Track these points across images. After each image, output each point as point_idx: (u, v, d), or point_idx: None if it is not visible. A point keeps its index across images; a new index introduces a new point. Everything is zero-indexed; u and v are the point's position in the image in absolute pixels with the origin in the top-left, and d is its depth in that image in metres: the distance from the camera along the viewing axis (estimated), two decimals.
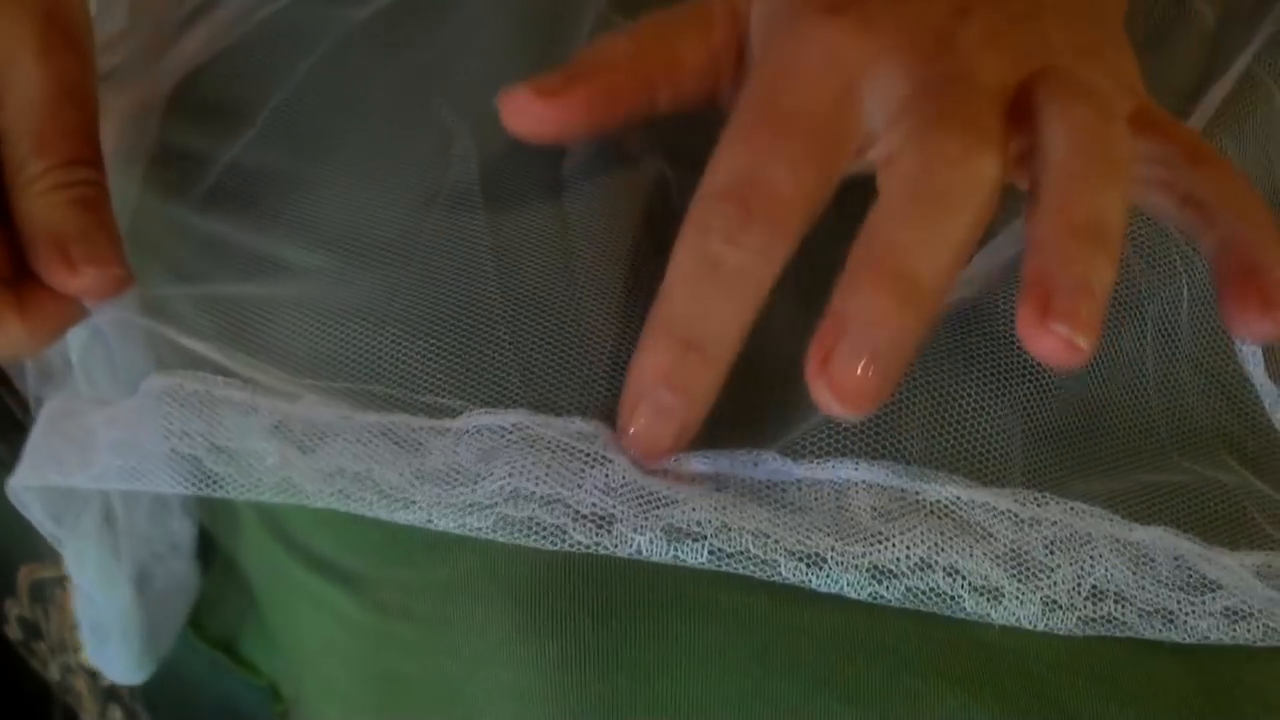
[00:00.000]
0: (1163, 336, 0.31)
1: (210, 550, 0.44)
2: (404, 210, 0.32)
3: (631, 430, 0.27)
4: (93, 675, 0.49)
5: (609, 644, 0.27)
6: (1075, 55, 0.27)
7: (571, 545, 0.26)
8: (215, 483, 0.28)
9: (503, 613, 0.27)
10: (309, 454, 0.27)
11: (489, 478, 0.26)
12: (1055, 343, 0.23)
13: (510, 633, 0.27)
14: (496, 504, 0.26)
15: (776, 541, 0.25)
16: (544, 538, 0.26)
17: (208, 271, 0.33)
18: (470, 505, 0.26)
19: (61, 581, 0.48)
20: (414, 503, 0.27)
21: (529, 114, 0.29)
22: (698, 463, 0.27)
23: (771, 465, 0.27)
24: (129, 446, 0.28)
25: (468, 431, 0.27)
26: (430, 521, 0.26)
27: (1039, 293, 0.23)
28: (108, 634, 0.39)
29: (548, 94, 0.29)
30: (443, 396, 0.29)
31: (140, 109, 0.36)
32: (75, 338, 0.34)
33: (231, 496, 0.28)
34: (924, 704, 0.26)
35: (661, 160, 0.33)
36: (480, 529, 0.26)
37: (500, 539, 0.26)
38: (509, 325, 0.29)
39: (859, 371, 0.23)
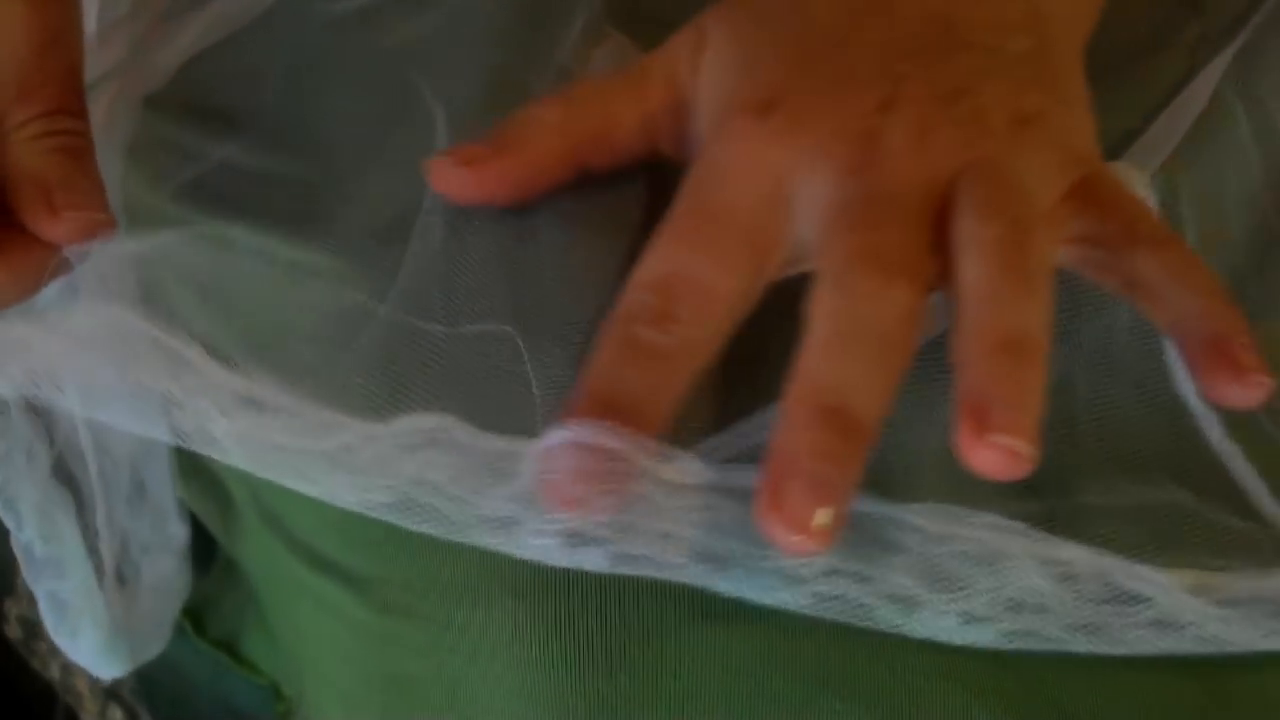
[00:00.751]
0: (1099, 357, 0.30)
1: (211, 550, 0.44)
2: (376, 221, 0.32)
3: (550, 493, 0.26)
4: (93, 675, 0.49)
5: (612, 643, 0.27)
6: (1012, 128, 0.27)
7: (472, 543, 0.26)
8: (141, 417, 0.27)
9: (506, 612, 0.27)
10: (229, 418, 0.27)
11: (401, 466, 0.26)
12: (997, 453, 0.23)
13: (513, 632, 0.27)
14: (403, 485, 0.26)
15: (680, 542, 0.25)
16: (444, 529, 0.26)
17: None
18: (375, 486, 0.26)
19: None
20: (316, 482, 0.26)
21: (453, 182, 0.29)
22: (613, 440, 0.25)
23: (682, 464, 0.26)
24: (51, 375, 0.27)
25: (394, 434, 0.27)
26: (333, 496, 0.26)
27: (974, 410, 0.23)
28: (78, 617, 0.38)
29: (471, 163, 0.29)
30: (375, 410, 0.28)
31: (134, 94, 0.36)
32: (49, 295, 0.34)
33: (148, 434, 0.27)
34: (926, 702, 0.26)
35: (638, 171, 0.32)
36: (381, 505, 0.26)
37: (400, 522, 0.26)
38: (450, 345, 0.29)
39: (815, 506, 0.23)
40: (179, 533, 0.41)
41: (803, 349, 0.25)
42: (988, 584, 0.25)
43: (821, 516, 0.23)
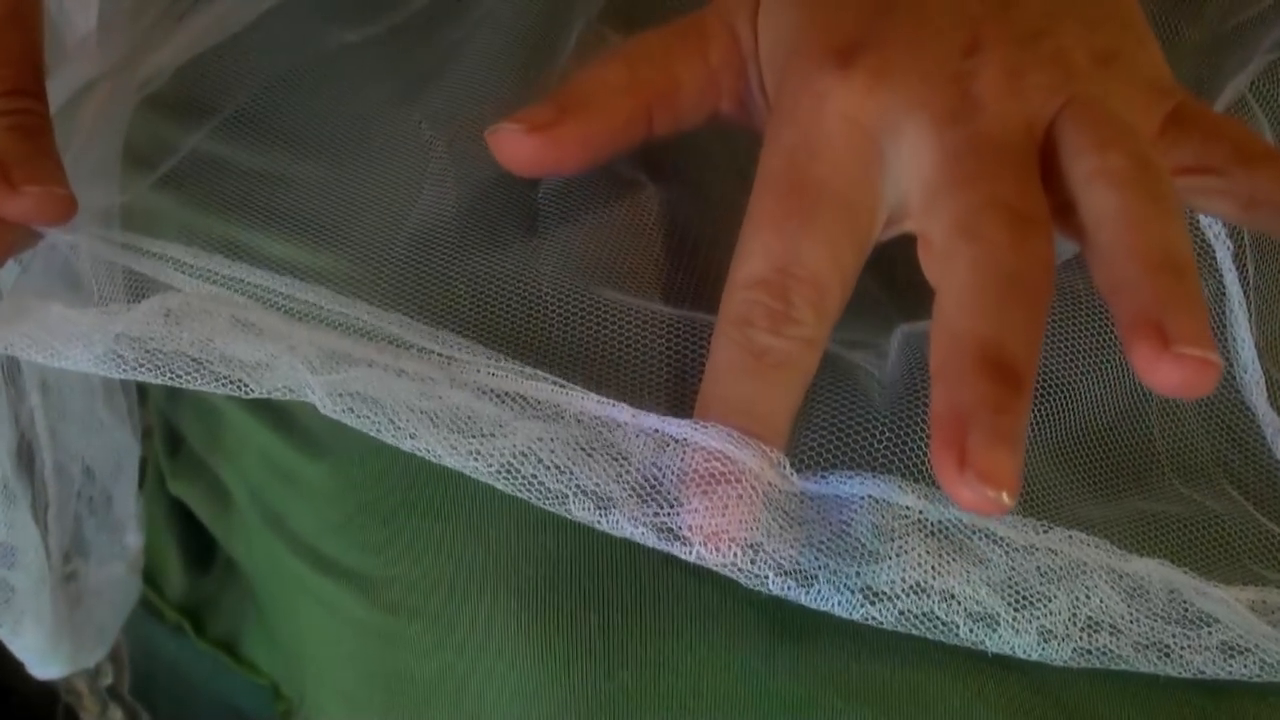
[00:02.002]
0: None
1: (211, 550, 0.44)
2: (372, 233, 0.31)
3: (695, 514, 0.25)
4: (93, 675, 0.49)
5: (614, 642, 0.27)
6: (1096, 66, 0.26)
7: (568, 514, 0.25)
8: (227, 382, 0.27)
9: (508, 611, 0.27)
10: (318, 375, 0.26)
11: (503, 437, 0.26)
12: (1185, 366, 0.21)
13: (515, 631, 0.27)
14: (505, 454, 0.25)
15: (767, 556, 0.25)
16: (543, 499, 0.25)
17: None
18: (476, 453, 0.25)
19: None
20: (414, 437, 0.26)
21: (519, 151, 0.28)
22: (713, 436, 0.25)
23: (790, 475, 0.26)
24: (137, 343, 0.27)
25: (485, 392, 0.27)
26: (436, 455, 0.25)
27: (1150, 327, 0.22)
28: (21, 612, 0.37)
29: (539, 129, 0.27)
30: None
31: (133, 93, 0.36)
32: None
33: (238, 394, 0.27)
34: (928, 702, 0.26)
35: (639, 172, 0.32)
36: (482, 472, 0.25)
37: (500, 487, 0.25)
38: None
39: (1003, 455, 0.22)
40: (134, 543, 0.41)
41: (946, 304, 0.24)
42: (1066, 601, 0.25)
43: (1010, 466, 0.22)
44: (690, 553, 0.25)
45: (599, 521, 0.25)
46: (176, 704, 0.48)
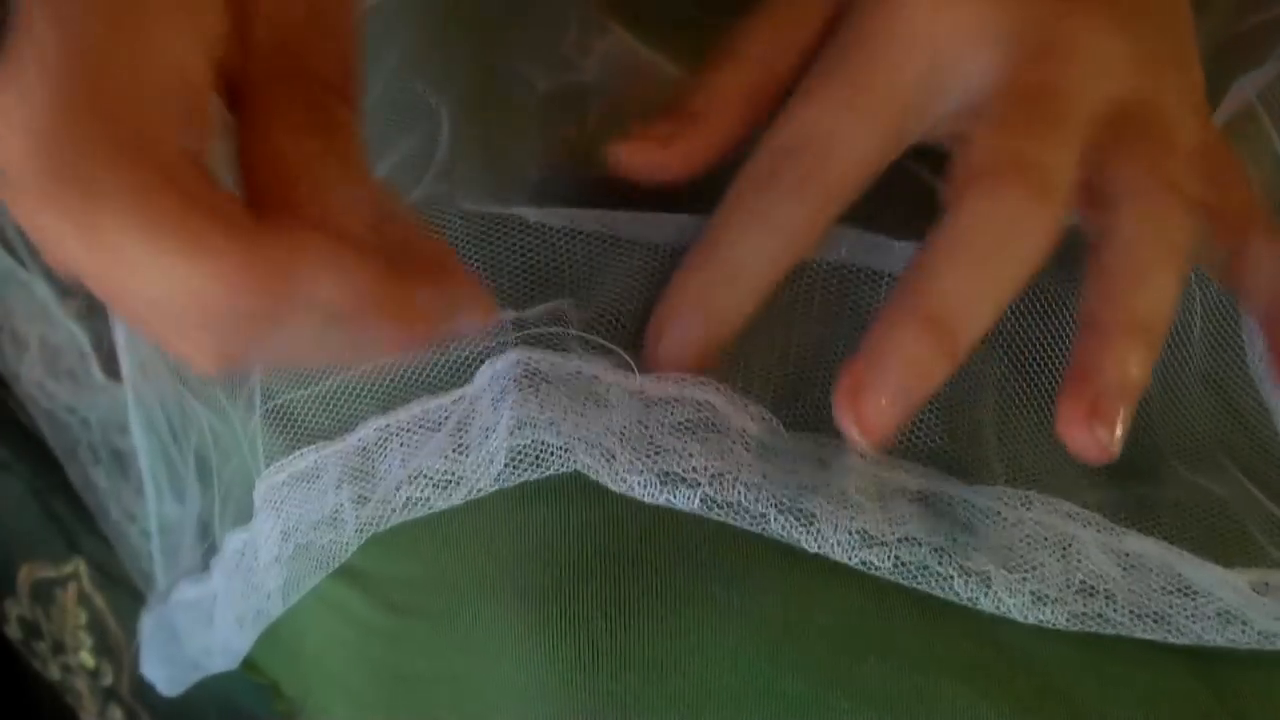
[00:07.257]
0: (1173, 347, 0.31)
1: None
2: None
3: (659, 348, 0.27)
4: (93, 675, 0.49)
5: (621, 642, 0.27)
6: (1161, 69, 0.26)
7: (577, 468, 0.26)
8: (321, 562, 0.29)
9: (514, 611, 0.27)
10: (369, 480, 0.28)
11: (502, 419, 0.26)
12: (1092, 443, 0.24)
13: (521, 631, 0.27)
14: (510, 437, 0.26)
15: (768, 495, 0.26)
16: (551, 464, 0.26)
17: None
18: (493, 453, 0.26)
19: (62, 581, 0.48)
20: (461, 479, 0.27)
21: (648, 164, 0.28)
22: (698, 389, 0.26)
23: (764, 419, 0.27)
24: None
25: (480, 395, 0.27)
26: (476, 492, 0.27)
27: (1087, 391, 0.24)
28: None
29: (666, 142, 0.28)
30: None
31: None
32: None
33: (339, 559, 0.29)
34: (934, 703, 0.26)
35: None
36: (506, 476, 0.27)
37: (515, 476, 0.27)
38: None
39: (886, 408, 0.24)
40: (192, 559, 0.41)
41: (932, 244, 0.24)
42: (1058, 567, 0.26)
43: (884, 415, 0.24)
44: (695, 496, 0.25)
45: (602, 475, 0.26)
46: (176, 704, 0.48)
